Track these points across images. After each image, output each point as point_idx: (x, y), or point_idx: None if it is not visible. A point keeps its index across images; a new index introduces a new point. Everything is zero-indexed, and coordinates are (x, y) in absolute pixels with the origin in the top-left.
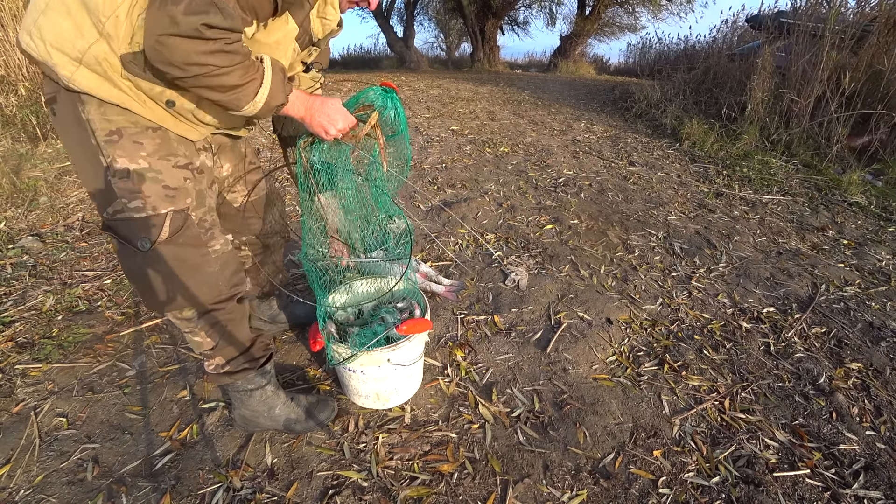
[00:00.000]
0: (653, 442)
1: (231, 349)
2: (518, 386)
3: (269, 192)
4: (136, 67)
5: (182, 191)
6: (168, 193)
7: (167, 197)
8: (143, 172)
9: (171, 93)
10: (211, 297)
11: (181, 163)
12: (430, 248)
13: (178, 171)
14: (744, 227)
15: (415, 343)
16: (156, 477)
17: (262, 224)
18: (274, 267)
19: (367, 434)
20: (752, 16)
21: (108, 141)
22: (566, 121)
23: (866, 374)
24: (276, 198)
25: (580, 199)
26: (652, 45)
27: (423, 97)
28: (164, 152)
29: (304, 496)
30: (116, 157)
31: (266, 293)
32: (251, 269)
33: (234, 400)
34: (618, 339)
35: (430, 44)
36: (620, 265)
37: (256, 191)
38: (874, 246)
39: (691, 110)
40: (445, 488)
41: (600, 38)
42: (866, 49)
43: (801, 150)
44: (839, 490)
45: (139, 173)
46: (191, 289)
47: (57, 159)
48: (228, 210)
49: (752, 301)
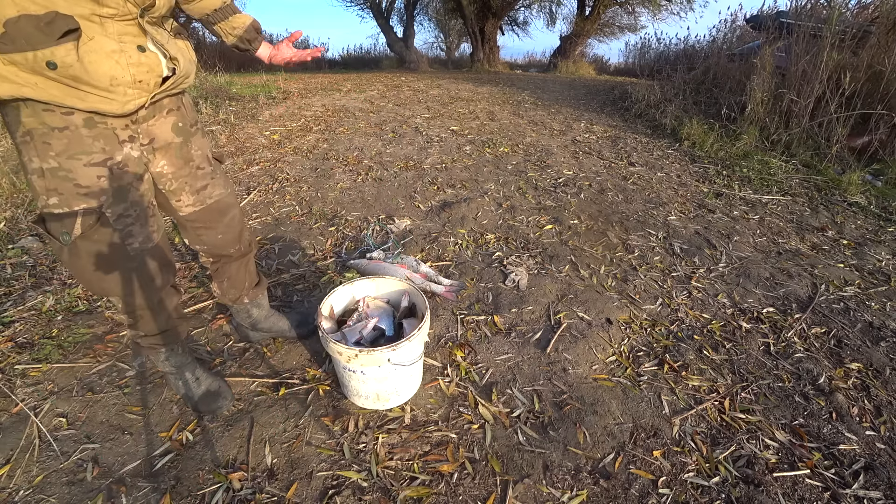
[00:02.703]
0: (653, 442)
1: (146, 329)
2: (518, 386)
3: (221, 199)
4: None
5: (95, 189)
6: (80, 192)
7: (79, 195)
8: (55, 171)
9: (42, 53)
10: (129, 290)
11: (96, 160)
12: (429, 248)
13: (90, 168)
14: (743, 227)
15: (415, 343)
16: (156, 477)
17: (214, 234)
18: (238, 277)
19: (367, 434)
20: (752, 16)
21: (22, 142)
22: (566, 121)
23: (866, 374)
24: (229, 206)
25: (580, 200)
26: (652, 46)
27: (423, 97)
28: (74, 151)
29: (303, 496)
30: (31, 157)
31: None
32: (214, 276)
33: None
34: (618, 339)
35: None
36: (620, 265)
37: (202, 198)
38: (874, 246)
39: (691, 110)
40: (445, 488)
41: (600, 38)
42: (866, 49)
43: (800, 151)
44: (839, 490)
45: (51, 172)
46: (106, 283)
47: None
48: (177, 219)
49: (752, 301)
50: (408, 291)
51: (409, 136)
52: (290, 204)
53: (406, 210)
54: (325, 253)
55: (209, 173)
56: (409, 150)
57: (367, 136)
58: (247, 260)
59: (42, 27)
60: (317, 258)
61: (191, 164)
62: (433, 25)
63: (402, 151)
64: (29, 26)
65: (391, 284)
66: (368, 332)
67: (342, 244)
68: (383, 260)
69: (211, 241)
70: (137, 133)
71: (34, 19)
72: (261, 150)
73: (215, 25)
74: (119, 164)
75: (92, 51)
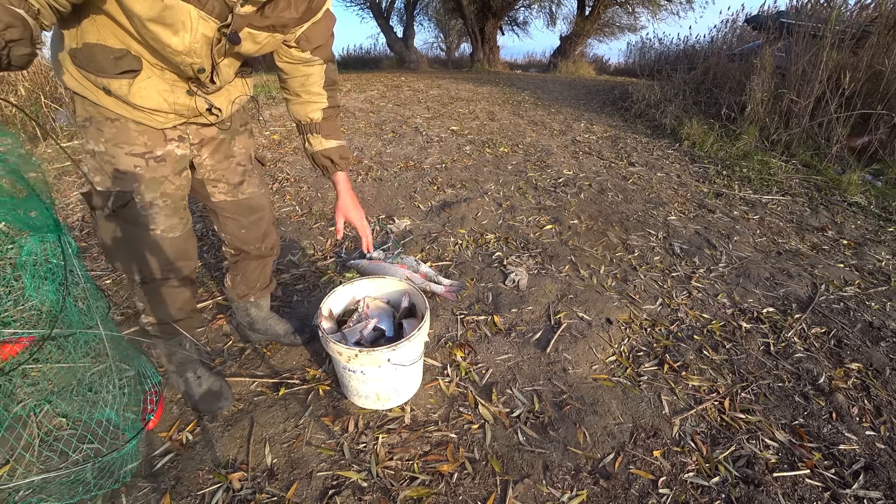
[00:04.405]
0: (653, 442)
1: (158, 316)
2: (518, 386)
3: (253, 197)
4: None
5: (130, 175)
6: (117, 175)
7: (116, 178)
8: (102, 155)
9: (101, 80)
10: (147, 271)
11: (136, 151)
12: (429, 248)
13: (129, 158)
14: (743, 227)
15: (415, 343)
16: (156, 477)
17: (238, 228)
18: (252, 276)
19: (367, 434)
20: (752, 16)
21: (82, 126)
22: (566, 121)
23: (866, 374)
24: (260, 205)
25: (580, 200)
26: (652, 46)
27: (423, 97)
28: (119, 140)
29: (303, 496)
30: (88, 139)
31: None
32: (231, 268)
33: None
34: (618, 339)
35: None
36: (620, 265)
37: (235, 192)
38: (874, 246)
39: (691, 110)
40: (445, 488)
41: (600, 38)
42: (866, 49)
43: (800, 151)
44: (839, 490)
45: (100, 155)
46: (129, 257)
47: (57, 159)
48: (208, 204)
49: (752, 301)
50: (408, 291)
51: (408, 136)
52: (290, 204)
53: (406, 210)
54: (325, 253)
55: (248, 171)
56: (408, 150)
57: (367, 136)
58: (265, 262)
59: (111, 60)
60: (317, 258)
61: (231, 159)
62: (433, 25)
63: (401, 151)
64: (101, 55)
65: (391, 284)
66: (368, 333)
67: (342, 244)
68: (383, 260)
69: (234, 233)
70: (187, 133)
71: (108, 51)
72: (261, 150)
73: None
74: (157, 158)
75: (144, 87)
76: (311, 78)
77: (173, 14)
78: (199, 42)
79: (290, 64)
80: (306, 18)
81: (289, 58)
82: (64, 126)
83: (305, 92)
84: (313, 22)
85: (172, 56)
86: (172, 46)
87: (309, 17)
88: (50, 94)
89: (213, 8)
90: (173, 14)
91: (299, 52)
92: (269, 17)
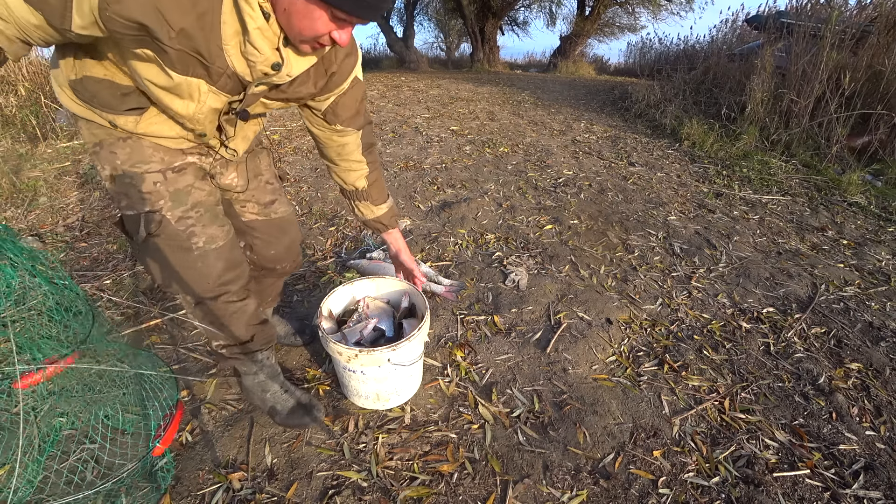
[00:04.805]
0: (653, 442)
1: (225, 337)
2: (518, 386)
3: (285, 217)
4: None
5: (154, 194)
6: (143, 196)
7: (142, 200)
8: (121, 178)
9: (108, 116)
10: (199, 290)
11: (153, 168)
12: (429, 248)
13: (149, 176)
14: (743, 227)
15: (415, 343)
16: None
17: (267, 248)
18: (267, 291)
19: (367, 434)
20: (752, 16)
21: (93, 152)
22: (566, 121)
23: (866, 374)
24: (291, 224)
25: (580, 200)
26: (652, 46)
27: (423, 97)
28: (135, 160)
29: (303, 496)
30: (103, 165)
31: None
32: None
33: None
34: (618, 339)
35: (430, 44)
36: (620, 265)
37: (266, 212)
38: (874, 246)
39: (691, 110)
40: (445, 488)
41: (600, 38)
42: (866, 49)
43: (800, 151)
44: (839, 490)
45: (119, 178)
46: (179, 281)
47: (56, 159)
48: (237, 223)
49: (752, 301)
50: (408, 291)
51: (408, 136)
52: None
53: (406, 210)
54: (325, 253)
55: (277, 189)
56: (408, 150)
57: None
58: (282, 279)
59: (117, 97)
60: (317, 258)
61: (259, 177)
62: (433, 25)
63: (401, 151)
64: (106, 92)
65: (391, 284)
66: (368, 333)
67: (342, 244)
68: (383, 260)
69: (262, 253)
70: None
71: (115, 87)
72: None
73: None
74: (175, 168)
75: (154, 123)
76: (348, 147)
77: (181, 88)
78: (205, 113)
79: (322, 132)
80: (327, 91)
81: (321, 126)
82: (64, 126)
83: (343, 160)
84: (339, 94)
85: (175, 116)
86: (175, 110)
87: (331, 89)
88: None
89: (226, 84)
90: (181, 88)
91: (329, 125)
92: (285, 91)
